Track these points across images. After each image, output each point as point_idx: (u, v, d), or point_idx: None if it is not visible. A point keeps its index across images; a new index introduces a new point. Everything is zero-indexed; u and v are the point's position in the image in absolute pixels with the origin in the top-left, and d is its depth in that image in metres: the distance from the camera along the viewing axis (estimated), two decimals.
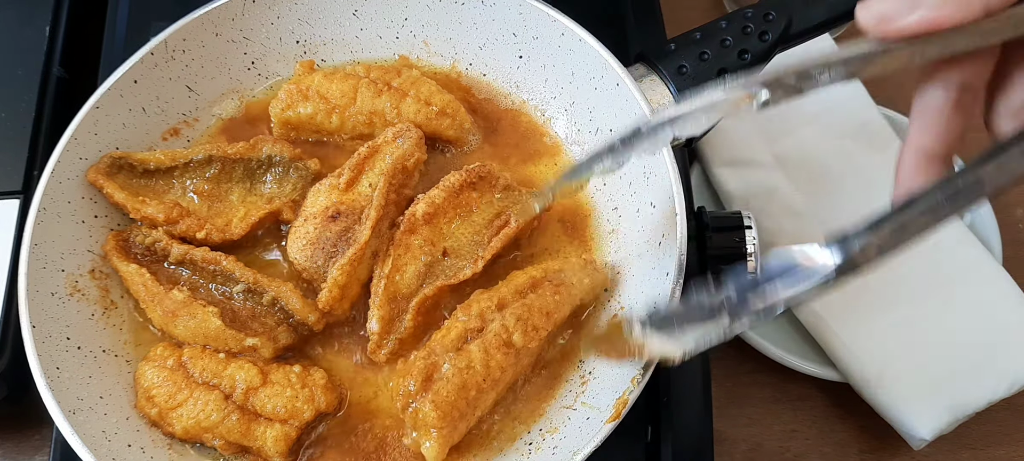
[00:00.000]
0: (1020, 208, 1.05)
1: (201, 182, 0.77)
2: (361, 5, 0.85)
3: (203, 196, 0.77)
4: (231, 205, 0.77)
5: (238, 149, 0.77)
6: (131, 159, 0.76)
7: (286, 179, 0.78)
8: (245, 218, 0.75)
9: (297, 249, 0.73)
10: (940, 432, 0.85)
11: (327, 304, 0.70)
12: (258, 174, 0.78)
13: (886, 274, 0.93)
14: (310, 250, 0.72)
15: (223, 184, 0.78)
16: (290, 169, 0.78)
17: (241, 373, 0.68)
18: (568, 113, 0.83)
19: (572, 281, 0.71)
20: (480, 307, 0.68)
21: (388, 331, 0.70)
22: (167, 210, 0.74)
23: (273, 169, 0.78)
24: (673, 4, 1.00)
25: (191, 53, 0.81)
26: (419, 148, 0.77)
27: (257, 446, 0.67)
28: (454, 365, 0.65)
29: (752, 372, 0.95)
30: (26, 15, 0.94)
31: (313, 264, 0.72)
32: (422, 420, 0.64)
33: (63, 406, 0.65)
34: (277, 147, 0.78)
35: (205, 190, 0.77)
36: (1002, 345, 0.88)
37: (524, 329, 0.67)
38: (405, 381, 0.66)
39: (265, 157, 0.78)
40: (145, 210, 0.74)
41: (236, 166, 0.78)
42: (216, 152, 0.77)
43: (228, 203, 0.77)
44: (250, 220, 0.75)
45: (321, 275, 0.72)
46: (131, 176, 0.76)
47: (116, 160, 0.75)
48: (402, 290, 0.71)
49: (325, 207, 0.74)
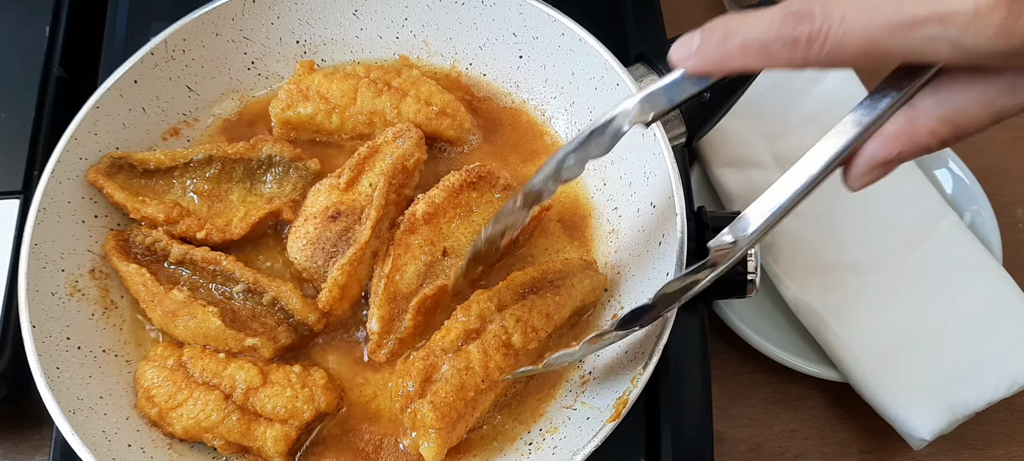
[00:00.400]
0: (1020, 208, 1.05)
1: (201, 182, 0.77)
2: (361, 5, 0.85)
3: (203, 196, 0.77)
4: (231, 205, 0.77)
5: (238, 149, 0.77)
6: (131, 159, 0.76)
7: (286, 179, 0.78)
8: (245, 218, 0.75)
9: (297, 249, 0.73)
10: (940, 432, 0.85)
11: (327, 304, 0.70)
12: (258, 174, 0.78)
13: (886, 274, 0.93)
14: (310, 250, 0.72)
15: (223, 184, 0.78)
16: (290, 169, 0.78)
17: (241, 373, 0.68)
18: (568, 113, 0.83)
19: (572, 283, 0.71)
20: (480, 308, 0.68)
21: (388, 331, 0.70)
22: (167, 210, 0.74)
23: (273, 169, 0.78)
24: (673, 4, 1.00)
25: (191, 53, 0.81)
26: (419, 148, 0.77)
27: (257, 446, 0.67)
28: (453, 366, 0.65)
29: (752, 372, 0.95)
30: (26, 15, 0.94)
31: (313, 264, 0.72)
32: (421, 421, 0.64)
33: (63, 406, 0.65)
34: (277, 147, 0.77)
35: (205, 190, 0.77)
36: (1002, 345, 0.88)
37: (523, 330, 0.67)
38: (404, 381, 0.66)
39: (265, 157, 0.78)
40: (145, 210, 0.74)
41: (236, 166, 0.78)
42: (216, 152, 0.77)
43: (228, 203, 0.77)
44: (250, 220, 0.75)
45: (321, 275, 0.72)
46: (131, 176, 0.76)
47: (116, 160, 0.75)
48: (402, 290, 0.71)
49: (325, 207, 0.74)
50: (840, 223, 0.96)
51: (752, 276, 0.77)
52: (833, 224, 0.96)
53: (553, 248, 0.78)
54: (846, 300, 0.91)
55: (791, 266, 0.94)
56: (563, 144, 0.82)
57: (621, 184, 0.78)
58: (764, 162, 1.00)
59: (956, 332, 0.89)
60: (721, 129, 0.97)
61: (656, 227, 0.73)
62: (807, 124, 1.02)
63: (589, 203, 0.80)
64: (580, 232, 0.79)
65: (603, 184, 0.80)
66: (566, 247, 0.78)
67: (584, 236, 0.78)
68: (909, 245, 0.95)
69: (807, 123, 1.03)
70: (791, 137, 1.02)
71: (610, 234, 0.78)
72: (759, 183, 0.98)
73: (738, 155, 1.00)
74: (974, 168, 1.01)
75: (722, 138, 1.00)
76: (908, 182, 0.99)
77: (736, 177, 0.99)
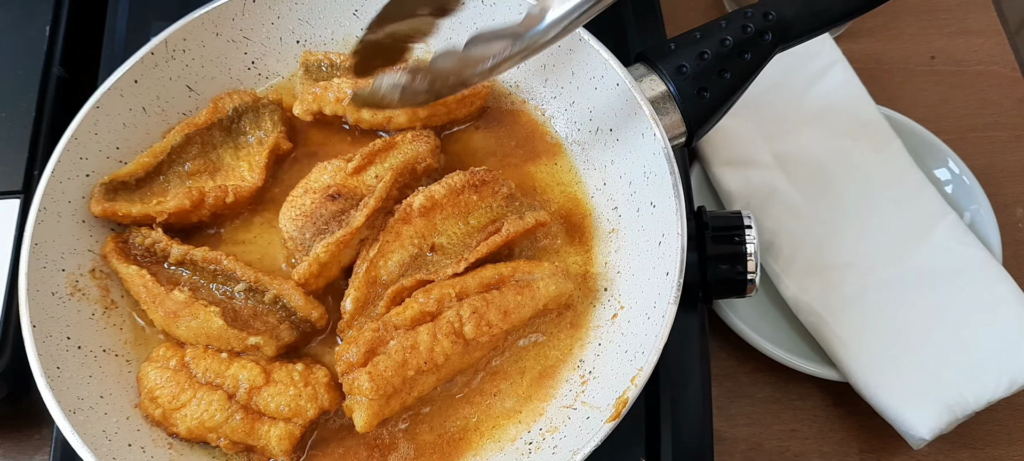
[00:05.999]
0: (1020, 208, 1.06)
1: (193, 163, 0.78)
2: (361, 5, 0.85)
3: (201, 174, 0.78)
4: (230, 166, 0.79)
5: (204, 115, 0.79)
6: (119, 178, 0.75)
7: (261, 121, 0.80)
8: (253, 167, 0.77)
9: (289, 218, 0.74)
10: (940, 432, 0.85)
11: (303, 277, 0.71)
12: (235, 130, 0.80)
13: (886, 274, 0.94)
14: (301, 221, 0.73)
15: (211, 154, 0.79)
16: (260, 111, 0.80)
17: (244, 372, 0.68)
18: (568, 113, 0.83)
19: (538, 285, 0.71)
20: (441, 292, 0.69)
21: (360, 313, 0.71)
22: (186, 195, 0.75)
23: (246, 118, 0.80)
24: (673, 4, 1.01)
25: (191, 53, 0.81)
26: (433, 155, 0.78)
27: (261, 445, 0.67)
28: (400, 343, 0.66)
29: (752, 372, 0.95)
30: (26, 15, 0.94)
31: (300, 235, 0.73)
32: (357, 388, 0.66)
33: (63, 406, 0.65)
34: (236, 97, 0.80)
35: (201, 167, 0.78)
36: (1002, 345, 0.88)
37: (477, 323, 0.68)
38: (350, 349, 0.67)
39: (232, 111, 0.79)
40: (167, 207, 0.74)
41: (213, 132, 0.79)
42: (189, 130, 0.78)
43: (227, 166, 0.79)
44: (260, 165, 0.77)
45: (304, 249, 0.72)
46: (129, 191, 0.76)
47: (107, 185, 0.75)
48: (383, 276, 0.72)
49: (327, 185, 0.74)
50: (840, 223, 0.97)
51: (752, 276, 0.77)
52: (833, 224, 0.96)
53: (552, 247, 0.78)
54: (846, 300, 0.91)
55: (791, 266, 0.94)
56: (563, 143, 0.83)
57: (621, 184, 0.78)
58: (764, 162, 1.00)
59: (956, 332, 0.89)
60: (721, 129, 0.97)
61: (656, 227, 0.73)
62: (807, 124, 1.03)
63: (589, 203, 0.80)
64: (580, 232, 0.79)
65: (603, 184, 0.80)
66: (566, 247, 0.78)
67: (584, 236, 0.79)
68: (909, 245, 0.95)
69: (807, 123, 1.03)
70: (791, 137, 1.02)
71: (610, 234, 0.78)
72: (759, 183, 0.99)
73: (738, 155, 1.00)
74: (974, 168, 1.01)
75: (722, 138, 1.00)
76: (908, 182, 0.99)
77: (736, 177, 0.99)
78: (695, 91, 0.76)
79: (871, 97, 1.04)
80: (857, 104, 1.04)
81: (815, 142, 1.01)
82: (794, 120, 1.03)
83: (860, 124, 1.02)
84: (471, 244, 0.74)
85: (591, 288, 0.76)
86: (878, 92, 1.06)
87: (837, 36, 1.15)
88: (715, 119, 0.79)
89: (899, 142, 1.01)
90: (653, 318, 0.68)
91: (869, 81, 1.05)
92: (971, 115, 1.12)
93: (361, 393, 0.66)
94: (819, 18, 0.78)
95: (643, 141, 0.75)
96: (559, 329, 0.74)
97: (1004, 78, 1.15)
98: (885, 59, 1.16)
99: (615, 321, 0.73)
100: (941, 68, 1.16)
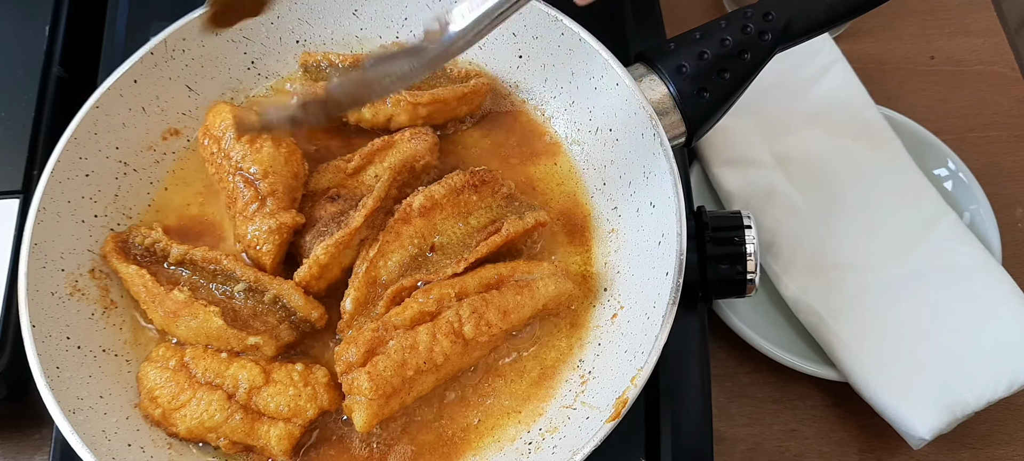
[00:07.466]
0: (1020, 207, 1.06)
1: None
2: (361, 5, 0.85)
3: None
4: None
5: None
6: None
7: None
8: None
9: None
10: (940, 432, 0.85)
11: (304, 279, 0.71)
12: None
13: (886, 274, 0.93)
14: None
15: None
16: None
17: (244, 372, 0.68)
18: (568, 113, 0.83)
19: (537, 285, 0.71)
20: (441, 292, 0.69)
21: (360, 312, 0.71)
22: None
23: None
24: (673, 4, 1.00)
25: (191, 53, 0.81)
26: (431, 153, 0.78)
27: (261, 445, 0.67)
28: (399, 343, 0.66)
29: (752, 372, 0.95)
30: (26, 15, 0.94)
31: (301, 237, 0.73)
32: (357, 388, 0.66)
33: (63, 405, 0.65)
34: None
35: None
36: (1002, 345, 0.88)
37: (476, 323, 0.68)
38: (350, 349, 0.67)
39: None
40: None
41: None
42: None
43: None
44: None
45: (305, 250, 0.73)
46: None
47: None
48: (383, 276, 0.72)
49: (326, 187, 0.75)
50: (840, 223, 0.97)
51: (752, 276, 0.77)
52: (833, 224, 0.96)
53: (552, 248, 0.78)
54: (846, 300, 0.91)
55: (791, 266, 0.94)
56: (563, 143, 0.83)
57: (621, 184, 0.78)
58: (764, 162, 1.00)
59: (956, 332, 0.89)
60: (721, 129, 0.97)
61: (656, 227, 0.73)
62: (807, 124, 1.03)
63: (589, 203, 0.80)
64: (580, 232, 0.79)
65: (603, 184, 0.80)
66: (565, 247, 0.78)
67: (584, 236, 0.79)
68: (909, 245, 0.95)
69: (807, 123, 1.03)
70: (791, 137, 1.02)
71: (610, 234, 0.78)
72: (759, 183, 0.99)
73: (738, 155, 1.00)
74: (974, 167, 1.01)
75: (722, 138, 1.00)
76: (908, 182, 0.99)
77: (736, 177, 0.99)
78: (695, 91, 0.76)
79: (871, 97, 1.04)
80: (857, 104, 1.04)
81: (815, 142, 1.01)
82: (794, 120, 1.03)
83: (860, 124, 1.02)
84: (471, 244, 0.74)
85: (591, 288, 0.76)
86: (878, 92, 1.06)
87: (837, 36, 1.15)
88: (715, 119, 0.79)
89: (899, 142, 1.01)
90: (653, 318, 0.68)
91: (869, 81, 1.05)
92: (971, 115, 1.12)
93: (360, 393, 0.66)
94: (819, 18, 0.78)
95: (643, 141, 0.75)
96: (559, 329, 0.74)
97: (1004, 78, 1.15)
98: (885, 59, 1.16)
99: (615, 321, 0.73)
100: (941, 68, 1.16)
